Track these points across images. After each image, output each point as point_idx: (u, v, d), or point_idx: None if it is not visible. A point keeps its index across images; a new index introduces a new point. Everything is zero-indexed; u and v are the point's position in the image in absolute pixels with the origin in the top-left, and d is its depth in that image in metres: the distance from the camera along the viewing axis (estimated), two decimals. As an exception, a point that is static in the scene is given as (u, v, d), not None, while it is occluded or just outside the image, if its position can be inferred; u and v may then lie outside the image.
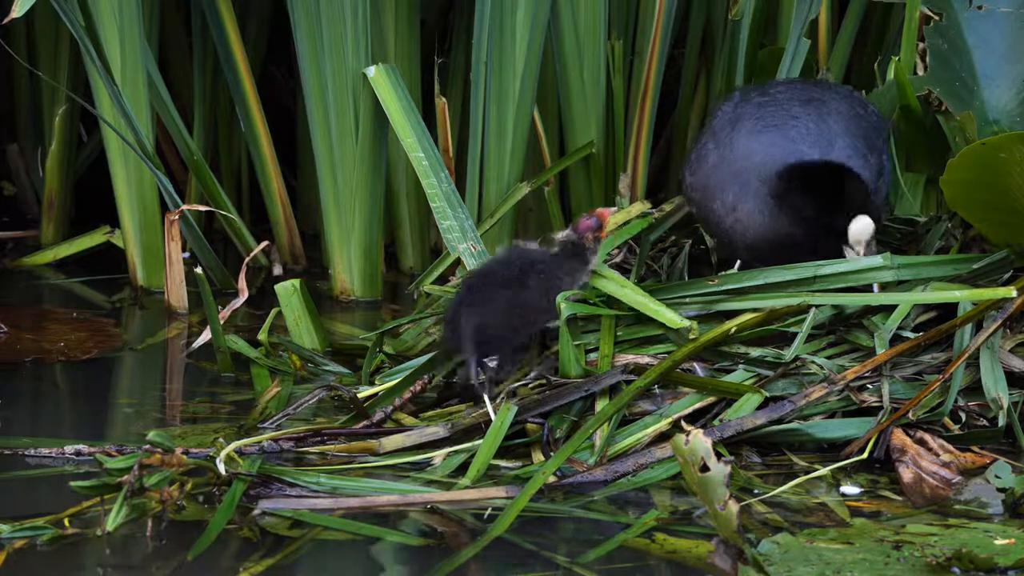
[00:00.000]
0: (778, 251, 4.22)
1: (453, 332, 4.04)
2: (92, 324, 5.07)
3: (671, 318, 4.07)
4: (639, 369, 3.98)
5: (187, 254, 5.44)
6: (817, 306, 4.10)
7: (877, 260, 4.16)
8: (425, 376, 4.16)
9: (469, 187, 5.28)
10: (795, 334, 4.08)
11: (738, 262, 4.46)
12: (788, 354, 4.03)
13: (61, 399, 4.45)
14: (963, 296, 4.06)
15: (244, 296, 4.65)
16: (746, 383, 4.00)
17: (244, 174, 6.18)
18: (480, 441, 3.87)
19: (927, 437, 3.93)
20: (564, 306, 4.06)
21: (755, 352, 4.06)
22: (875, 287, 4.18)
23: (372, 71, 5.17)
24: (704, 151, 4.33)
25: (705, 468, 3.35)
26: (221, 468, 3.68)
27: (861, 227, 4.14)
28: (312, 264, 5.78)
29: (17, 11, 4.77)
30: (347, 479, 3.76)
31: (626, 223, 4.64)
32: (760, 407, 3.97)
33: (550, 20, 5.28)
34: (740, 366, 4.05)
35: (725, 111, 4.37)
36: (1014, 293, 3.99)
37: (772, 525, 3.59)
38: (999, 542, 3.45)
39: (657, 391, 4.01)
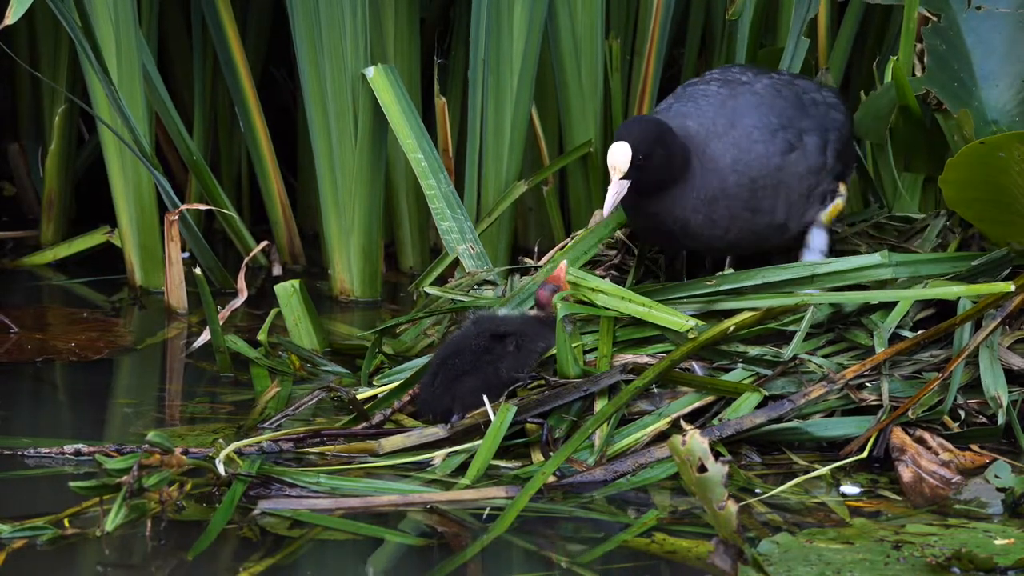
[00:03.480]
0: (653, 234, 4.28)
1: (426, 405, 4.06)
2: (102, 324, 5.08)
3: (678, 323, 4.06)
4: (638, 369, 3.98)
5: (186, 254, 5.44)
6: (816, 305, 4.10)
7: (875, 258, 4.16)
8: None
9: (468, 187, 5.28)
10: (794, 332, 4.08)
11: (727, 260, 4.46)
12: (787, 353, 4.03)
13: (61, 399, 4.45)
14: (962, 291, 4.06)
15: (244, 296, 4.66)
16: (745, 382, 4.01)
17: (244, 174, 6.19)
18: (480, 442, 3.87)
19: (927, 436, 3.93)
20: (560, 306, 4.06)
21: (754, 351, 4.06)
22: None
23: (371, 71, 5.17)
24: None
25: (703, 468, 3.35)
26: (221, 468, 3.68)
27: (613, 152, 4.12)
28: (312, 264, 5.79)
29: (11, 18, 4.77)
30: (347, 479, 3.76)
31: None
32: (759, 406, 3.98)
33: (548, 19, 5.28)
34: (739, 365, 4.05)
35: (674, 93, 4.42)
36: (1012, 288, 3.99)
37: (772, 525, 3.59)
38: (999, 542, 3.45)
39: (656, 391, 4.01)
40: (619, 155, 4.10)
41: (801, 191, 4.24)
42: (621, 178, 4.10)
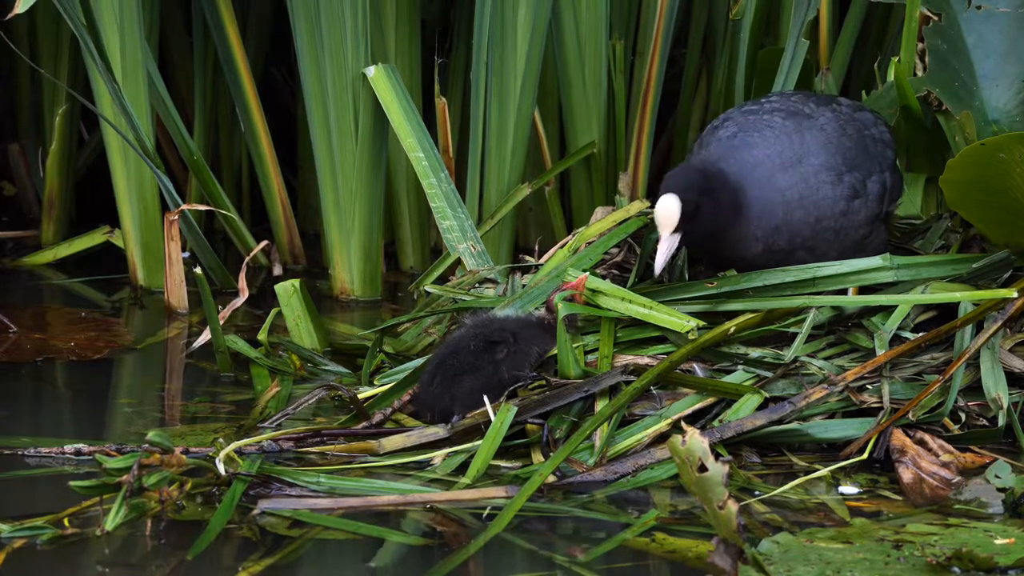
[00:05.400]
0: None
1: (425, 405, 4.05)
2: (101, 323, 5.08)
3: (679, 324, 4.05)
4: (639, 370, 3.97)
5: (187, 254, 5.44)
6: (817, 308, 4.10)
7: (876, 261, 4.16)
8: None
9: (469, 187, 5.29)
10: (795, 335, 4.07)
11: None
12: (788, 355, 4.03)
13: (61, 399, 4.45)
14: (964, 296, 4.06)
15: (244, 296, 4.65)
16: (746, 384, 4.00)
17: (244, 174, 6.19)
18: (480, 442, 3.87)
19: (927, 437, 3.93)
20: (562, 306, 4.06)
21: (755, 353, 4.05)
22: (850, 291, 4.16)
23: (372, 71, 5.17)
24: (686, 158, 4.34)
25: (703, 468, 3.35)
26: (221, 468, 3.68)
27: (660, 207, 4.04)
28: (312, 264, 5.79)
29: (20, 7, 4.78)
30: (347, 479, 3.76)
31: (624, 221, 4.63)
32: (760, 408, 3.97)
33: (551, 20, 5.28)
34: (740, 367, 4.05)
35: (717, 119, 4.37)
36: (1015, 294, 3.99)
37: (772, 525, 3.59)
38: (999, 541, 3.45)
39: (657, 392, 4.00)
40: (667, 210, 4.02)
41: (856, 239, 4.21)
42: (672, 232, 4.04)
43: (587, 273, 4.18)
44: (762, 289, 4.14)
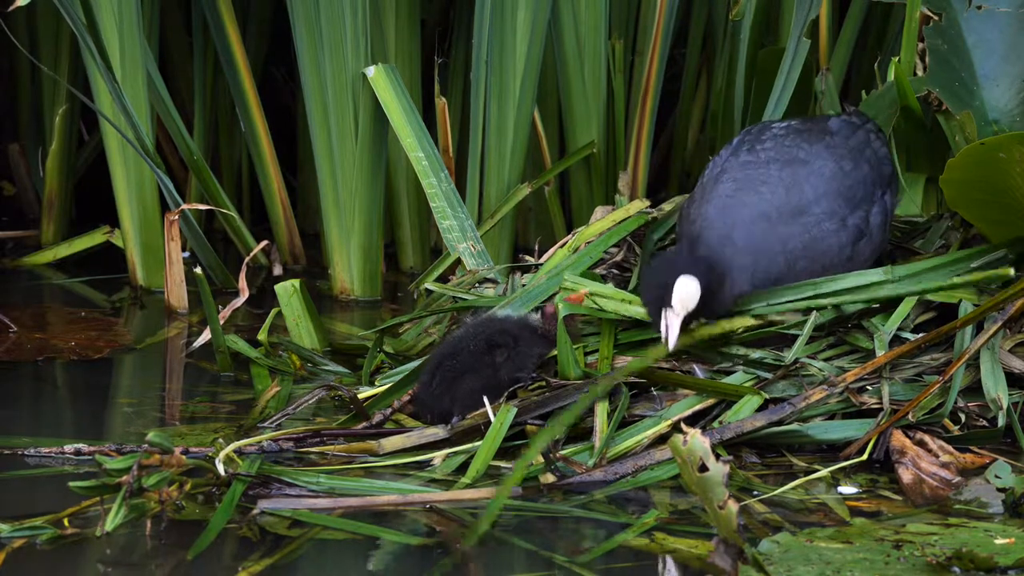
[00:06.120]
0: None
1: (425, 405, 4.05)
2: (101, 323, 5.08)
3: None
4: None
5: (187, 254, 5.44)
6: (818, 309, 4.09)
7: (878, 274, 4.13)
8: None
9: (469, 187, 5.29)
10: (795, 336, 4.07)
11: None
12: (788, 356, 4.02)
13: (61, 399, 4.45)
14: (961, 281, 4.04)
15: (244, 296, 4.66)
16: (746, 385, 4.00)
17: (244, 174, 6.19)
18: (480, 442, 3.87)
19: (927, 438, 3.93)
20: (562, 306, 4.06)
21: (755, 354, 4.05)
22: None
23: (372, 71, 5.17)
24: (690, 202, 4.30)
25: (704, 468, 3.35)
26: (220, 468, 3.68)
27: (684, 290, 3.97)
28: (312, 264, 5.79)
29: (21, 0, 4.78)
30: (347, 479, 3.76)
31: (624, 220, 4.63)
32: (760, 409, 3.97)
33: (551, 20, 5.28)
34: (740, 368, 4.05)
35: (716, 163, 4.33)
36: (1012, 272, 3.98)
37: (772, 525, 3.59)
38: (999, 541, 3.45)
39: (657, 393, 4.00)
40: (689, 294, 3.95)
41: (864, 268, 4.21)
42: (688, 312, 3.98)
43: (587, 290, 4.16)
44: (763, 307, 4.12)
